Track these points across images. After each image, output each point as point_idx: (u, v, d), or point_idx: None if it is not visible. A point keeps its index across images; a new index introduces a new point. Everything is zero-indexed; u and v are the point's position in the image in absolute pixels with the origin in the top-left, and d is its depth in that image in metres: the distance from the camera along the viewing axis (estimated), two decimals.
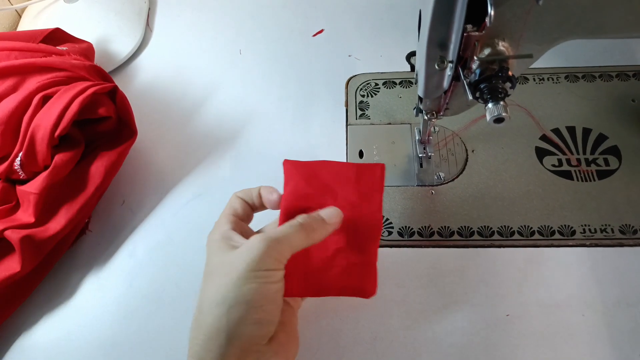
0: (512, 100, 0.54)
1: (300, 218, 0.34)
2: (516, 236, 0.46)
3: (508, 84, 0.31)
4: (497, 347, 0.41)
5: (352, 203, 0.36)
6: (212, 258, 0.34)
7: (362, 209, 0.36)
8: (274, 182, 0.52)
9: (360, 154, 0.53)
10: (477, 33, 0.29)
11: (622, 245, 0.45)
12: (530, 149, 0.51)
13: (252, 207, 0.39)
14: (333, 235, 0.36)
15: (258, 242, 0.31)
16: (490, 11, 0.27)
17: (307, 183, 0.37)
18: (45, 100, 0.47)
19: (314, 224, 0.34)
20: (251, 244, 0.31)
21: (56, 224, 0.46)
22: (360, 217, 0.36)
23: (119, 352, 0.44)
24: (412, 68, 0.41)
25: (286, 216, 0.35)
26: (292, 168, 0.38)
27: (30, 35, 0.55)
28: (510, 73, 0.30)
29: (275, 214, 0.38)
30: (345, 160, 0.53)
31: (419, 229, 0.47)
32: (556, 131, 0.52)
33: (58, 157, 0.47)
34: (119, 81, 0.61)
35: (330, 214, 0.35)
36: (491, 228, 0.47)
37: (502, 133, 0.53)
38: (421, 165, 0.51)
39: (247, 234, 0.37)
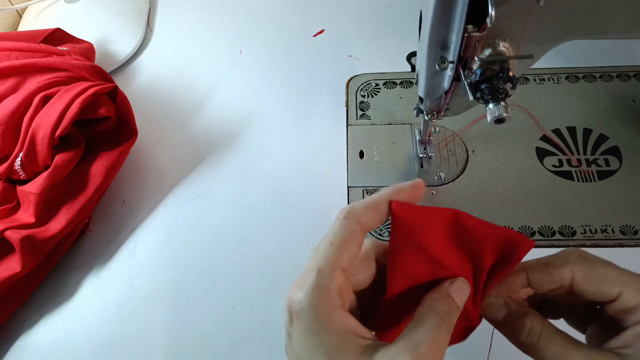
0: (513, 101, 0.54)
1: (442, 311, 0.22)
2: None
3: (509, 85, 0.31)
4: (501, 347, 0.41)
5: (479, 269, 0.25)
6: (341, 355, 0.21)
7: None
8: (274, 181, 0.53)
9: (361, 154, 0.53)
10: (477, 33, 0.29)
11: (622, 245, 0.45)
12: (531, 149, 0.51)
13: (369, 229, 0.25)
14: None
15: None
16: (491, 11, 0.27)
17: (427, 235, 0.24)
18: (45, 100, 0.47)
19: (455, 315, 0.23)
20: None
21: (56, 224, 0.46)
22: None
23: (119, 352, 0.44)
24: (413, 68, 0.41)
25: (400, 279, 0.24)
26: (406, 212, 0.24)
27: (30, 36, 0.55)
28: (510, 73, 0.30)
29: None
30: (345, 161, 0.53)
31: None
32: (557, 131, 0.52)
33: (58, 157, 0.47)
34: (120, 81, 0.62)
35: (461, 293, 0.24)
36: None
37: (503, 133, 0.53)
38: (422, 166, 0.51)
39: (348, 296, 0.24)
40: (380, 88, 0.58)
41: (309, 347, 0.21)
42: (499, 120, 0.31)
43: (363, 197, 0.50)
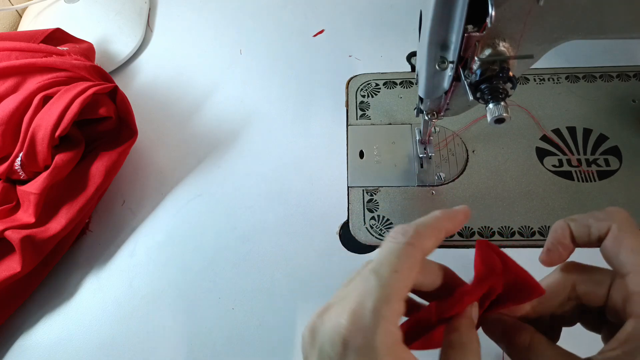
0: (513, 101, 0.54)
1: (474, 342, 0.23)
2: (517, 236, 0.46)
3: (509, 85, 0.31)
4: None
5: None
6: None
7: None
8: (274, 182, 0.53)
9: (361, 154, 0.53)
10: (477, 33, 0.29)
11: None
12: (531, 149, 0.51)
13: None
14: None
15: None
16: (491, 11, 0.27)
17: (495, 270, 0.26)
18: (45, 100, 0.47)
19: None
20: None
21: (56, 224, 0.46)
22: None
23: (119, 352, 0.44)
24: (413, 68, 0.41)
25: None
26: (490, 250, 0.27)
27: (30, 36, 0.55)
28: (510, 73, 0.30)
29: None
30: (345, 161, 0.53)
31: None
32: (557, 131, 0.52)
33: (58, 157, 0.47)
34: (120, 81, 0.62)
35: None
36: (491, 228, 0.47)
37: (503, 133, 0.53)
38: (422, 166, 0.51)
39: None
40: (380, 88, 0.58)
41: None
42: (499, 120, 0.31)
43: (363, 197, 0.50)
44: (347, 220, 0.49)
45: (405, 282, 0.21)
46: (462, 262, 0.47)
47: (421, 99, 0.41)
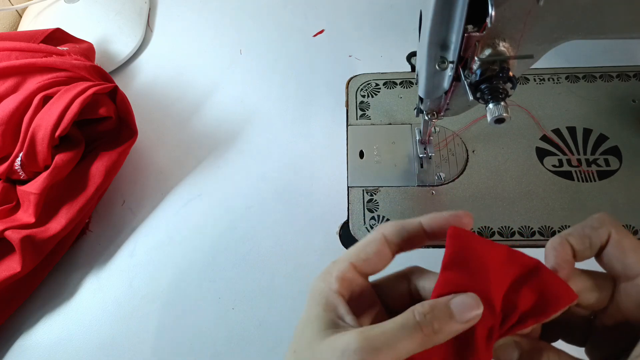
0: (513, 101, 0.54)
1: (418, 312, 0.22)
2: (517, 236, 0.46)
3: (509, 85, 0.31)
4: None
5: (511, 305, 0.24)
6: (304, 328, 0.24)
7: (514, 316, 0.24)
8: (274, 181, 0.53)
9: (361, 154, 0.53)
10: (477, 33, 0.29)
11: None
12: (531, 149, 0.51)
13: (397, 247, 0.26)
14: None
15: (351, 349, 0.21)
16: (491, 11, 0.27)
17: (472, 258, 0.24)
18: (45, 100, 0.47)
19: (437, 324, 0.22)
20: (342, 346, 0.22)
21: (56, 224, 0.46)
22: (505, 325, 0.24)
23: (119, 352, 0.44)
24: (413, 68, 0.41)
25: (443, 288, 0.24)
26: (461, 237, 0.25)
27: (30, 36, 0.55)
28: (510, 73, 0.30)
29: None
30: (345, 161, 0.53)
31: None
32: (557, 131, 0.52)
33: (58, 157, 0.47)
34: (120, 81, 0.62)
35: (464, 307, 0.22)
36: (492, 228, 0.47)
37: (503, 133, 0.53)
38: (422, 166, 0.51)
39: (359, 300, 0.26)
40: (380, 88, 0.58)
41: (302, 318, 0.25)
42: (499, 120, 0.31)
43: (363, 197, 0.50)
44: (347, 220, 0.49)
45: (355, 251, 0.25)
46: None
47: (421, 99, 0.41)
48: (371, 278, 0.26)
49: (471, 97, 0.32)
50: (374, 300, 0.26)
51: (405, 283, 0.26)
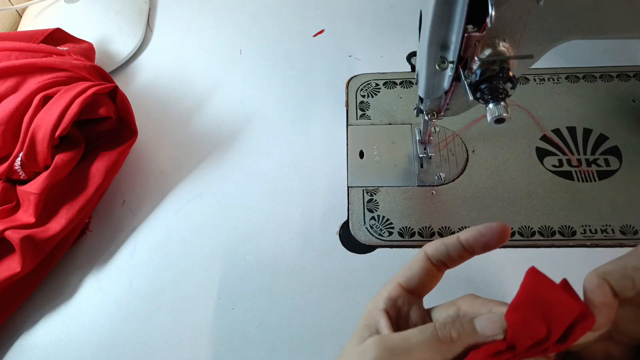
0: (513, 101, 0.54)
1: (439, 322, 0.24)
2: (517, 237, 0.46)
3: (509, 85, 0.31)
4: None
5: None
6: (347, 343, 0.27)
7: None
8: (274, 182, 0.53)
9: (361, 154, 0.53)
10: (477, 33, 0.29)
11: (622, 245, 0.45)
12: (531, 149, 0.51)
13: (442, 263, 0.27)
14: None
15: (371, 349, 0.24)
16: (491, 11, 0.27)
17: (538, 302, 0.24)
18: (45, 100, 0.47)
19: (455, 334, 0.23)
20: (363, 349, 0.24)
21: (56, 224, 0.46)
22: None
23: (119, 352, 0.44)
24: (413, 68, 0.41)
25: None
26: (537, 279, 0.25)
27: (30, 36, 0.55)
28: (510, 73, 0.30)
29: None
30: (345, 161, 0.53)
31: (420, 229, 0.47)
32: (557, 131, 0.52)
33: (58, 157, 0.47)
34: (120, 81, 0.62)
35: (488, 325, 0.23)
36: None
37: (503, 133, 0.53)
38: (422, 166, 0.51)
39: (408, 319, 0.27)
40: (380, 88, 0.58)
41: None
42: (499, 120, 0.31)
43: (363, 197, 0.50)
44: (347, 220, 0.49)
45: (402, 272, 0.28)
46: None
47: (421, 99, 0.41)
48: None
49: (471, 97, 0.32)
50: (425, 320, 0.27)
51: (455, 308, 0.27)
